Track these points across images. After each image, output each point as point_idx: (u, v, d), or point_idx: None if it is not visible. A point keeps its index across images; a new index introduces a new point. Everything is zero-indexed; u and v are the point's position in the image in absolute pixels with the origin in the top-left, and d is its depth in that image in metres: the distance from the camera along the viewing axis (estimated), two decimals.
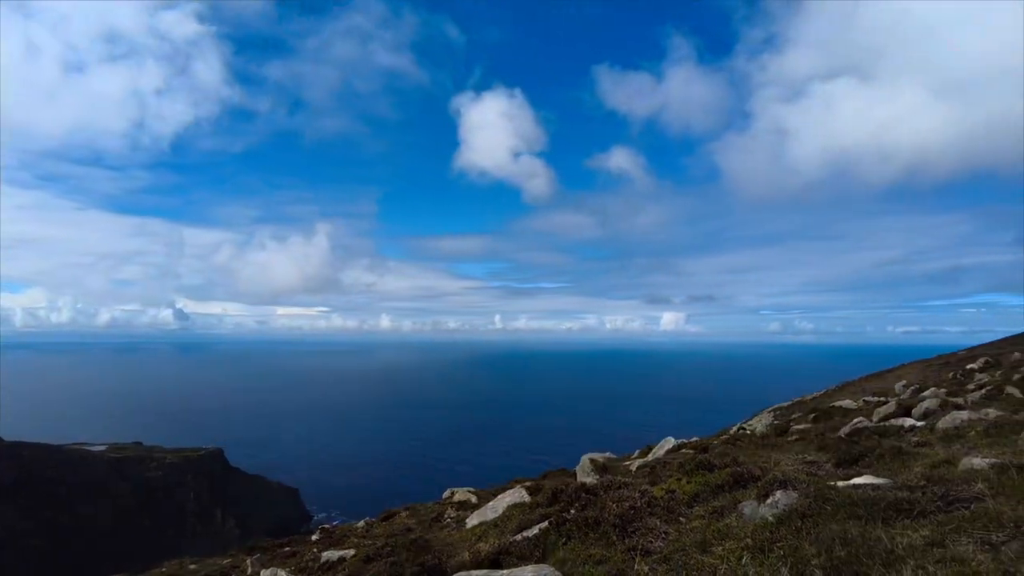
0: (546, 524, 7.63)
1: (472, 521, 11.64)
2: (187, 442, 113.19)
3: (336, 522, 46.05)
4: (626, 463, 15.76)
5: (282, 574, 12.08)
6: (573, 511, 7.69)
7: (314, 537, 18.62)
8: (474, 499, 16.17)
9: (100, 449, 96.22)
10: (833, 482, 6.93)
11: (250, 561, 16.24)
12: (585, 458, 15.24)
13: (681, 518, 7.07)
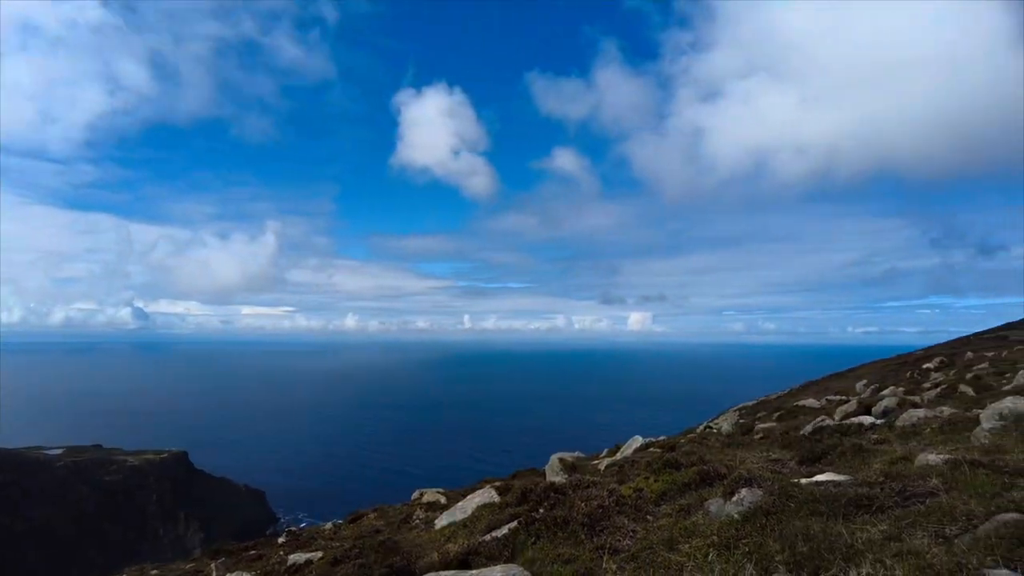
0: (515, 524, 7.61)
1: (441, 522, 11.56)
2: (149, 444, 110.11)
3: (303, 524, 45.34)
4: (595, 462, 15.88)
5: None
6: (542, 510, 7.70)
7: (281, 540, 18.27)
8: (443, 500, 16.08)
9: (57, 452, 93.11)
10: (797, 479, 7.09)
11: (214, 565, 15.87)
12: (554, 457, 15.31)
13: (649, 516, 7.14)
